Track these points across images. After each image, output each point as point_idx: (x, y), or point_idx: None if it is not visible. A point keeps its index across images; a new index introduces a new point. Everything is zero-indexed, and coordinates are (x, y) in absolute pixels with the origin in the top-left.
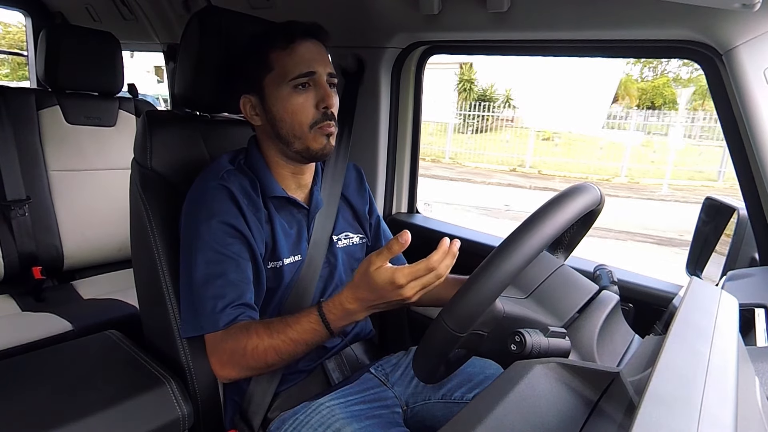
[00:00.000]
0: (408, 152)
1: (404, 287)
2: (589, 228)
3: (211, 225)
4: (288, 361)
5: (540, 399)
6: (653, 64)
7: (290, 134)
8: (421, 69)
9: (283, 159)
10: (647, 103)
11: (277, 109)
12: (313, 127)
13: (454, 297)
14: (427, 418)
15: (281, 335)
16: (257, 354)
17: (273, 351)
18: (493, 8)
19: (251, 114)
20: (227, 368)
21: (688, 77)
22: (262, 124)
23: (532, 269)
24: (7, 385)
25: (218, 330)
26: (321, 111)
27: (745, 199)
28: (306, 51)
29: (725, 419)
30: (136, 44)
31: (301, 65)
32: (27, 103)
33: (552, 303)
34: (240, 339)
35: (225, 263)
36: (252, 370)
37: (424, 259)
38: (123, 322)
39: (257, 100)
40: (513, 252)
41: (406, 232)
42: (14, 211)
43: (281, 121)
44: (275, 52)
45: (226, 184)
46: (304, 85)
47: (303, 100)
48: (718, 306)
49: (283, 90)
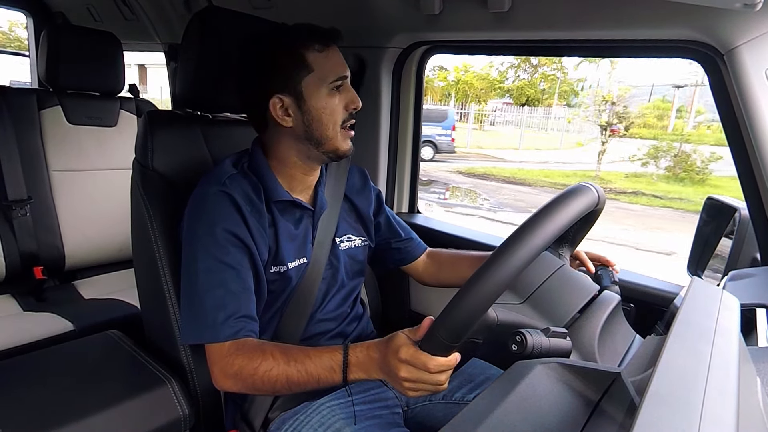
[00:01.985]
0: (409, 152)
1: (400, 367)
2: (593, 224)
3: (211, 233)
4: (294, 392)
5: (541, 399)
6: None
7: (324, 135)
8: (422, 69)
9: (303, 160)
10: (522, 100)
11: (317, 110)
12: (342, 127)
13: (446, 308)
14: (427, 418)
15: (298, 365)
16: (269, 378)
17: (285, 379)
18: (494, 8)
19: (281, 115)
20: (230, 381)
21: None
22: (294, 125)
23: (532, 271)
24: (8, 385)
25: (219, 341)
26: (349, 111)
27: (746, 199)
28: (338, 55)
29: (726, 419)
30: (137, 44)
31: (337, 68)
32: (28, 104)
33: (552, 304)
34: (254, 358)
35: (225, 272)
36: (255, 390)
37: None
38: (124, 322)
39: (291, 101)
40: (504, 263)
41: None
42: (16, 211)
43: (318, 122)
44: (312, 53)
45: (227, 190)
46: (339, 87)
47: (338, 102)
48: (719, 306)
49: (322, 91)
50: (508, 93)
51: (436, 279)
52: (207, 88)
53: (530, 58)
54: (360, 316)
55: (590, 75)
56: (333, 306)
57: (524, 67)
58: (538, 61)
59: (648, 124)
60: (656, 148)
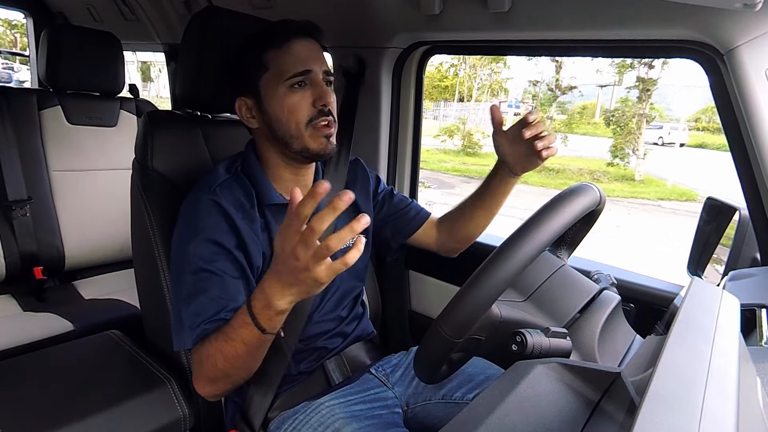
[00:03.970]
0: (409, 152)
1: (286, 251)
2: (592, 226)
3: (198, 242)
4: (240, 368)
5: (541, 399)
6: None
7: (287, 134)
8: (422, 69)
9: (284, 160)
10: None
11: (273, 109)
12: (308, 125)
13: (449, 303)
14: (427, 418)
15: (223, 335)
16: (210, 361)
17: (220, 354)
18: (494, 8)
19: (247, 117)
20: (199, 383)
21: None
22: (260, 126)
23: (532, 270)
24: (8, 385)
25: (191, 347)
26: (317, 108)
27: (746, 199)
28: (301, 49)
29: (727, 419)
30: (137, 44)
31: (297, 64)
32: (28, 104)
33: (552, 304)
34: (201, 350)
35: (209, 280)
36: (214, 382)
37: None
38: (124, 322)
39: (253, 102)
40: (508, 259)
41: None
42: (15, 211)
43: (278, 122)
44: (271, 51)
45: (216, 198)
46: (301, 83)
47: (299, 99)
48: (719, 306)
49: (279, 90)
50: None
51: (455, 237)
52: (207, 89)
53: (468, 58)
54: (360, 316)
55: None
56: (331, 306)
57: (462, 67)
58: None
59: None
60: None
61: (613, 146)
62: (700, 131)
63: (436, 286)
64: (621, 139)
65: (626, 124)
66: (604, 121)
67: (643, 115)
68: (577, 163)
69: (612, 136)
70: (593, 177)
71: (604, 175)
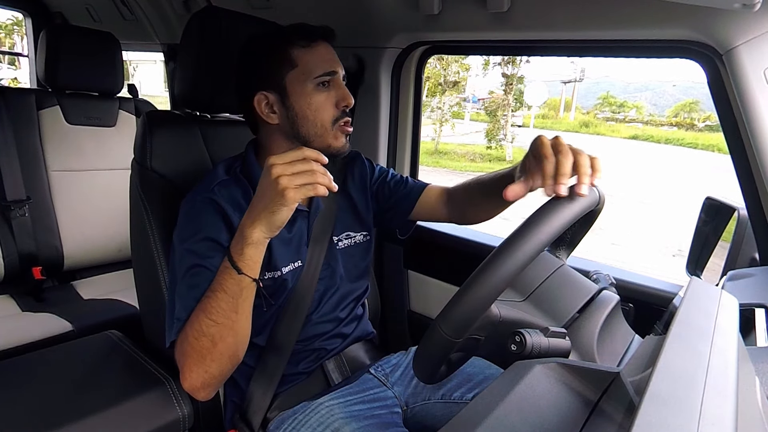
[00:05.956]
0: (408, 152)
1: (276, 167)
2: (591, 226)
3: (194, 239)
4: (223, 326)
5: (540, 399)
6: None
7: (311, 132)
8: (421, 69)
9: None
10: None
11: (300, 106)
12: (334, 124)
13: (449, 303)
14: (426, 418)
15: (204, 294)
16: (194, 331)
17: (203, 314)
18: (493, 8)
19: (267, 112)
20: (186, 373)
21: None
22: (280, 122)
23: (532, 270)
24: (7, 385)
25: (175, 338)
26: (341, 109)
27: (745, 199)
28: (326, 51)
29: (725, 419)
30: (136, 44)
31: (324, 64)
32: (27, 104)
33: (551, 304)
34: (182, 334)
35: (201, 275)
36: (200, 361)
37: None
38: (123, 322)
39: (276, 98)
40: (507, 258)
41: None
42: (14, 211)
43: (303, 119)
44: (297, 49)
45: (214, 197)
46: (326, 83)
47: (325, 98)
48: (718, 306)
49: (307, 87)
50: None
51: (469, 203)
52: (206, 89)
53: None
54: (359, 317)
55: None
56: (330, 307)
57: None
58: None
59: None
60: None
61: (486, 131)
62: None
63: (435, 286)
64: (492, 126)
65: (494, 112)
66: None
67: (508, 105)
68: (465, 148)
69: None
70: (470, 159)
71: (479, 157)
